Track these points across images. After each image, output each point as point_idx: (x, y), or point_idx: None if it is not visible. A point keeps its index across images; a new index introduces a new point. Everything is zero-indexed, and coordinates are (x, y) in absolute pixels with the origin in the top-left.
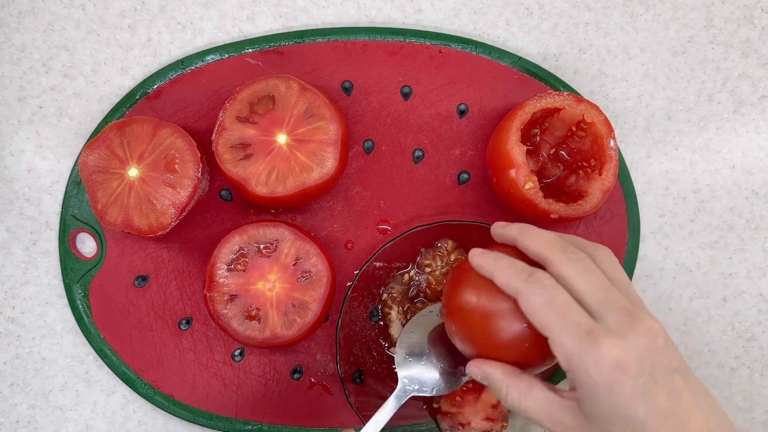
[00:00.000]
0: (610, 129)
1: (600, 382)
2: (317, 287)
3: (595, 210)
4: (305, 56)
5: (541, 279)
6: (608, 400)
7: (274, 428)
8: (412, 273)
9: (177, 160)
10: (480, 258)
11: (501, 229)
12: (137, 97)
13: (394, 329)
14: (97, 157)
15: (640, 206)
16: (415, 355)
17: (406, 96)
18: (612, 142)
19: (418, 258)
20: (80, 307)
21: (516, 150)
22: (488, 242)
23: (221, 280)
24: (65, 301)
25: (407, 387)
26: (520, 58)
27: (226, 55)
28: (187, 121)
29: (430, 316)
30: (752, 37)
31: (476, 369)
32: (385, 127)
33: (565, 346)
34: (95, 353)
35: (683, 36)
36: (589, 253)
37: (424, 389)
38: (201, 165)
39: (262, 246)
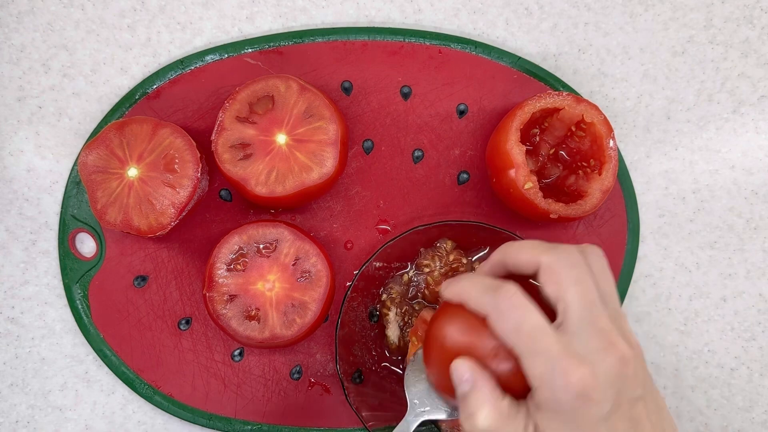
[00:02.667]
0: (610, 129)
1: (565, 406)
2: (317, 287)
3: (595, 210)
4: (305, 56)
5: (507, 295)
6: (571, 424)
7: (273, 428)
8: (411, 273)
9: (176, 160)
10: (450, 287)
11: (485, 267)
12: (137, 97)
13: (391, 331)
14: (96, 157)
15: (639, 206)
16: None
17: (405, 96)
18: (611, 142)
19: (417, 258)
20: (80, 307)
21: (515, 150)
22: (487, 243)
23: (221, 280)
24: (65, 301)
25: (418, 409)
26: (519, 58)
27: (226, 55)
28: (186, 121)
29: None
30: (752, 37)
31: (466, 367)
32: (384, 127)
33: (534, 369)
34: (95, 353)
35: (683, 36)
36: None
37: (438, 411)
38: (200, 165)
39: (261, 246)
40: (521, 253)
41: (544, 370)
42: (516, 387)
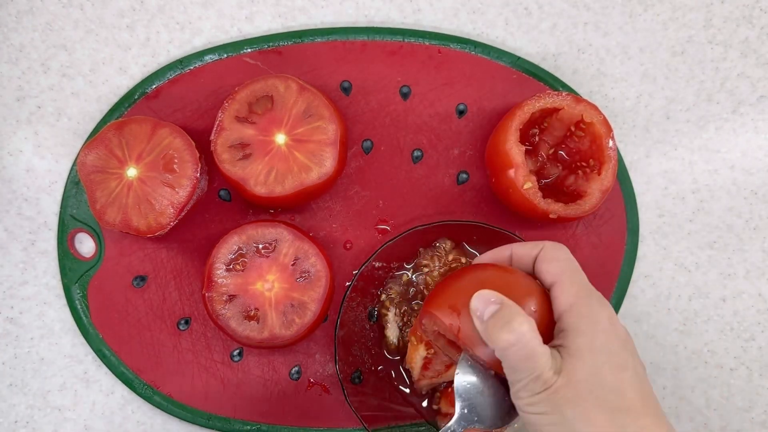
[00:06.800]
0: (609, 129)
1: (601, 319)
2: (316, 287)
3: (594, 210)
4: (304, 56)
5: (559, 243)
6: (603, 334)
7: (272, 428)
8: (410, 273)
9: (175, 160)
10: (492, 251)
11: (488, 254)
12: (136, 96)
13: (390, 331)
14: (95, 157)
15: (639, 206)
16: (474, 375)
17: (404, 96)
18: (611, 142)
19: (417, 258)
20: (79, 307)
21: (515, 150)
22: (486, 242)
23: (220, 280)
24: (64, 301)
25: (466, 417)
26: (519, 57)
27: (225, 55)
28: (185, 121)
29: None
30: (751, 37)
31: (490, 292)
32: (384, 127)
33: (574, 287)
34: (94, 353)
35: (682, 36)
36: None
37: (481, 422)
38: (199, 165)
39: (260, 246)
40: (526, 245)
41: (582, 289)
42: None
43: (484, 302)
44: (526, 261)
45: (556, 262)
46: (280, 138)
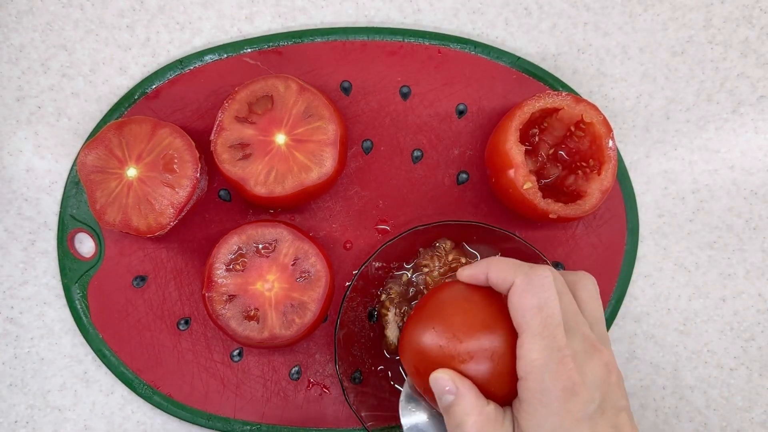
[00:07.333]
0: (609, 129)
1: (552, 397)
2: (316, 287)
3: (594, 210)
4: (304, 56)
5: (545, 274)
6: (553, 418)
7: (272, 428)
8: (410, 273)
9: (175, 160)
10: (471, 267)
11: (467, 270)
12: (136, 97)
13: (390, 331)
14: (95, 157)
15: (638, 206)
16: (417, 401)
17: (404, 96)
18: (611, 142)
19: (417, 258)
20: (79, 307)
21: (515, 150)
22: (486, 242)
23: (220, 280)
24: (64, 301)
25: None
26: (518, 58)
27: (225, 55)
28: (185, 121)
29: None
30: (751, 37)
31: (447, 378)
32: (383, 127)
33: (533, 352)
34: (94, 353)
35: (682, 36)
36: (571, 280)
37: None
38: (199, 165)
39: (260, 246)
40: (502, 270)
41: (540, 356)
42: (493, 391)
43: (439, 389)
44: (501, 290)
45: (521, 312)
46: (280, 138)
